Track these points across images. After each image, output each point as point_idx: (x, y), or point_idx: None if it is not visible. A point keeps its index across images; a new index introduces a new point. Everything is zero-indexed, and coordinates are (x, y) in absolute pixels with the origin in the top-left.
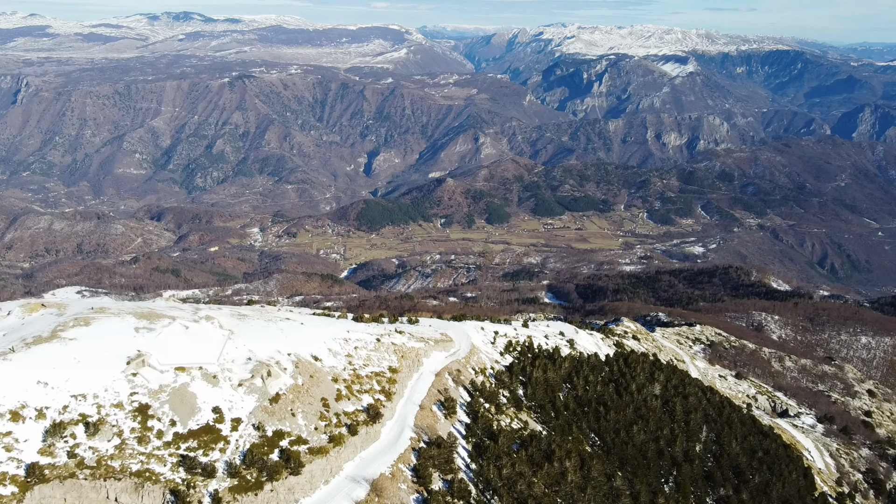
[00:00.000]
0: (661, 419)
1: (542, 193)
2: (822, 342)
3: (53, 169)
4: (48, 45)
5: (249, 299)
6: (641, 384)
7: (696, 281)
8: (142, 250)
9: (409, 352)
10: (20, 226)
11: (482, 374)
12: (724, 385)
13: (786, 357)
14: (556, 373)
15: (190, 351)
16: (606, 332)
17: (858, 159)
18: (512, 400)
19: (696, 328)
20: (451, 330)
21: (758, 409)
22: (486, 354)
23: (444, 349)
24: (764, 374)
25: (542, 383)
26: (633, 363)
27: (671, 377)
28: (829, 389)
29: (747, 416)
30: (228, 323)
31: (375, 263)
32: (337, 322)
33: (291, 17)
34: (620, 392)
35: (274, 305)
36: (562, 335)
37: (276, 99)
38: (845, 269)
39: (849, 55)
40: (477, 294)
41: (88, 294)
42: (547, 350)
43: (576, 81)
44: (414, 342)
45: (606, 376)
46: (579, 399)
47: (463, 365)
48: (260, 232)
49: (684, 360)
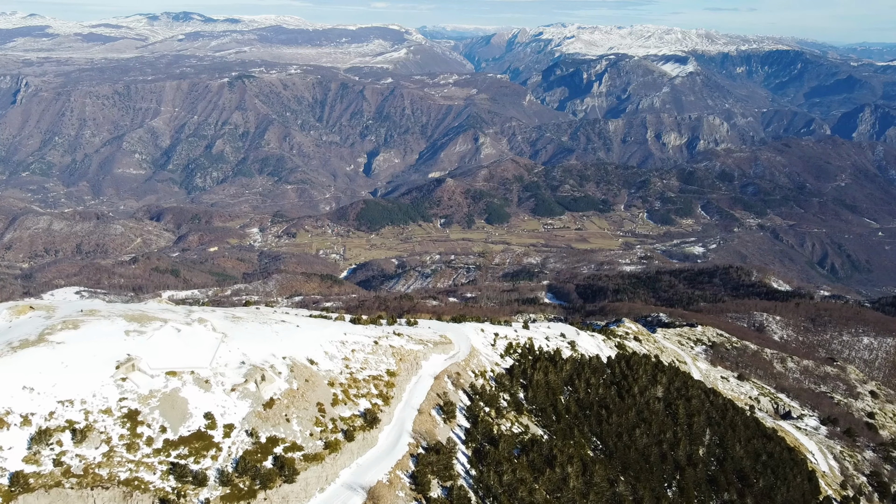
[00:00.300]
0: (664, 422)
1: (541, 193)
2: (824, 343)
3: (53, 169)
4: (48, 45)
5: (247, 300)
6: (644, 387)
7: (696, 281)
8: (141, 250)
9: (408, 355)
10: (19, 226)
11: (482, 377)
12: (726, 387)
13: (788, 358)
14: (557, 375)
15: (181, 354)
16: (608, 334)
17: (858, 159)
18: (513, 403)
19: (698, 329)
20: (450, 332)
21: (761, 412)
22: (486, 357)
23: (443, 352)
24: (766, 376)
25: (544, 386)
26: (635, 365)
27: (674, 379)
28: (832, 391)
29: (751, 419)
30: (222, 325)
31: (375, 264)
32: (334, 324)
33: (291, 18)
34: (623, 395)
35: (271, 307)
36: (563, 337)
37: (276, 99)
38: (845, 269)
39: (848, 55)
40: (477, 294)
41: (87, 294)
42: (548, 352)
43: (575, 81)
44: (412, 345)
45: (608, 379)
46: (581, 402)
47: (462, 368)
48: (259, 232)
49: (686, 362)
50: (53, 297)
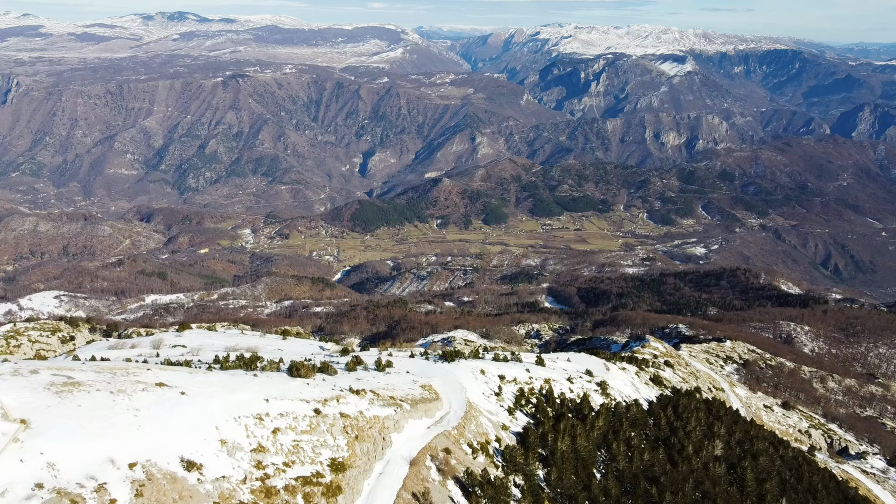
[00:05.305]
0: (730, 495)
1: (540, 193)
2: (859, 356)
3: (43, 170)
4: (41, 44)
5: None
6: (698, 443)
7: (702, 284)
8: (130, 252)
9: (369, 426)
10: (4, 227)
11: (482, 452)
12: (771, 418)
13: (828, 377)
14: (587, 438)
15: None
16: (639, 364)
17: (860, 158)
18: (528, 492)
19: (727, 344)
20: (438, 378)
21: (819, 453)
22: (488, 416)
23: (425, 414)
24: (808, 400)
25: (571, 459)
26: (684, 412)
27: (732, 428)
28: (880, 415)
29: (828, 475)
30: (25, 405)
31: (370, 265)
32: (252, 384)
33: (287, 17)
34: (673, 458)
35: (156, 349)
36: (589, 375)
37: (271, 98)
38: (849, 269)
39: (846, 55)
40: (474, 298)
41: (66, 299)
42: (572, 400)
43: (573, 81)
44: (378, 408)
45: (653, 434)
46: (621, 475)
47: (455, 440)
48: (251, 233)
49: (723, 389)
50: (31, 302)
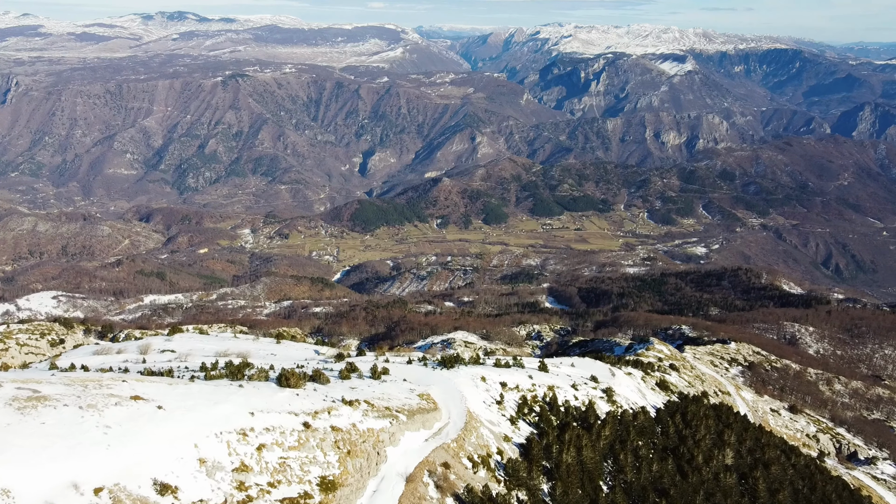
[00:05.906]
0: None
1: (540, 193)
2: (865, 357)
3: (43, 169)
4: (40, 44)
5: (228, 305)
6: (708, 452)
7: (703, 284)
8: (129, 252)
9: (363, 440)
10: (3, 227)
11: (484, 465)
12: (778, 422)
13: (834, 379)
14: (593, 449)
15: None
16: (644, 368)
17: (861, 158)
18: None
19: (731, 346)
20: (436, 386)
21: (829, 459)
22: (489, 428)
23: (423, 425)
24: (814, 403)
25: (577, 472)
26: (693, 419)
27: (743, 435)
28: (888, 418)
29: (840, 482)
30: None
31: (369, 265)
32: (237, 395)
33: (287, 17)
34: (683, 468)
35: (146, 353)
36: (594, 381)
37: (270, 98)
38: (850, 269)
39: (846, 54)
40: (474, 299)
41: (64, 299)
42: (577, 408)
43: (573, 80)
44: (372, 420)
45: (661, 444)
46: (629, 487)
47: (454, 454)
48: (251, 233)
49: (729, 392)
50: (28, 303)
